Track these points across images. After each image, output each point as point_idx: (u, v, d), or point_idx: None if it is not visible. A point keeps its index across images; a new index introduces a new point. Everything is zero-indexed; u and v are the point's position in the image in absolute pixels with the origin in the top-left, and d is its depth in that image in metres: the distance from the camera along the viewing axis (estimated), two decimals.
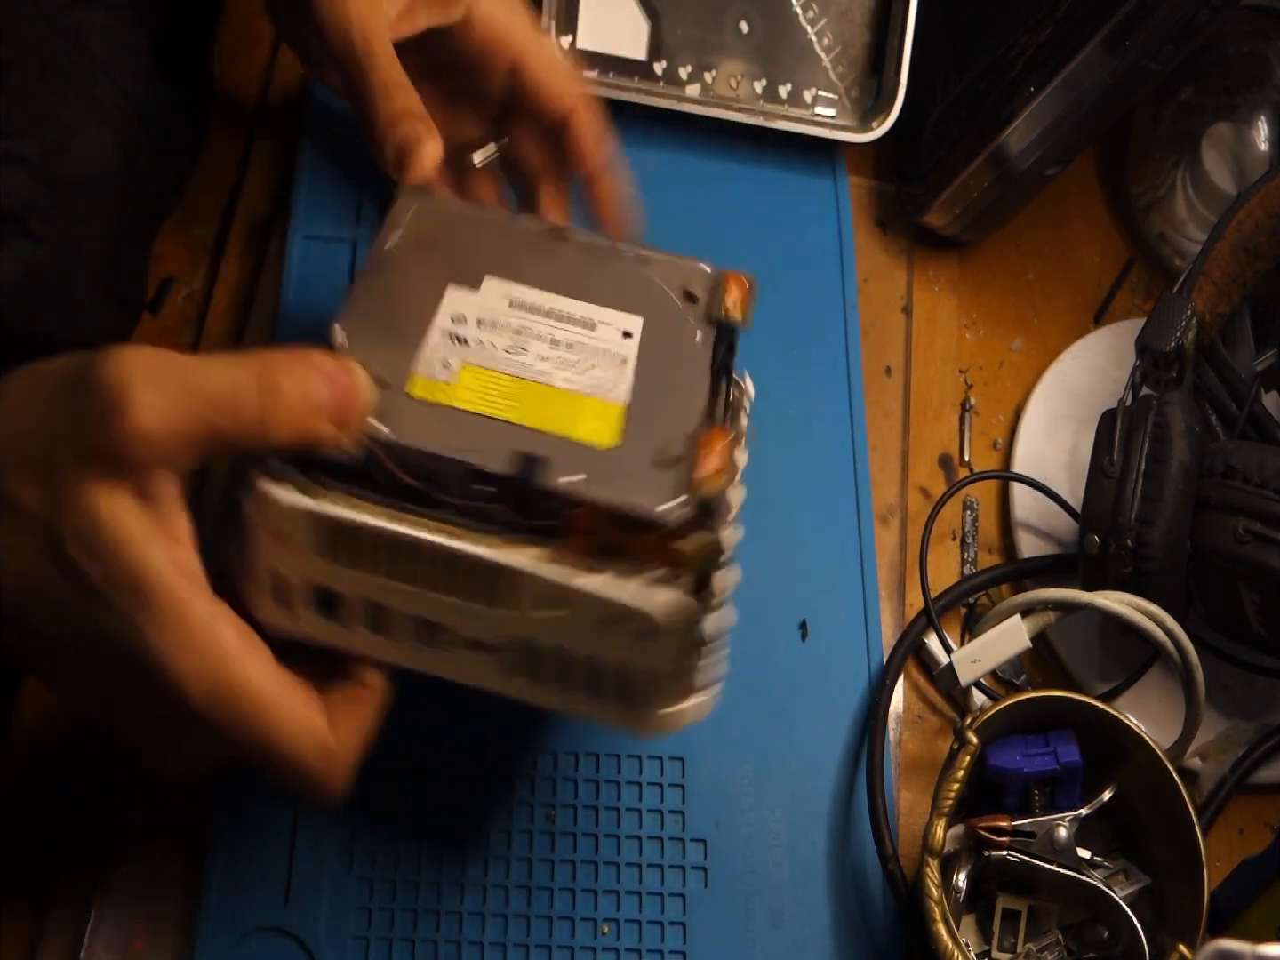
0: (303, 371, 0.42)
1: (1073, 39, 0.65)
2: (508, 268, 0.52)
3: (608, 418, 0.47)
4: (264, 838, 0.53)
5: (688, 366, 0.50)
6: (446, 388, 0.48)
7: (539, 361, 0.50)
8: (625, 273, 0.53)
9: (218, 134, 0.67)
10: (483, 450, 0.45)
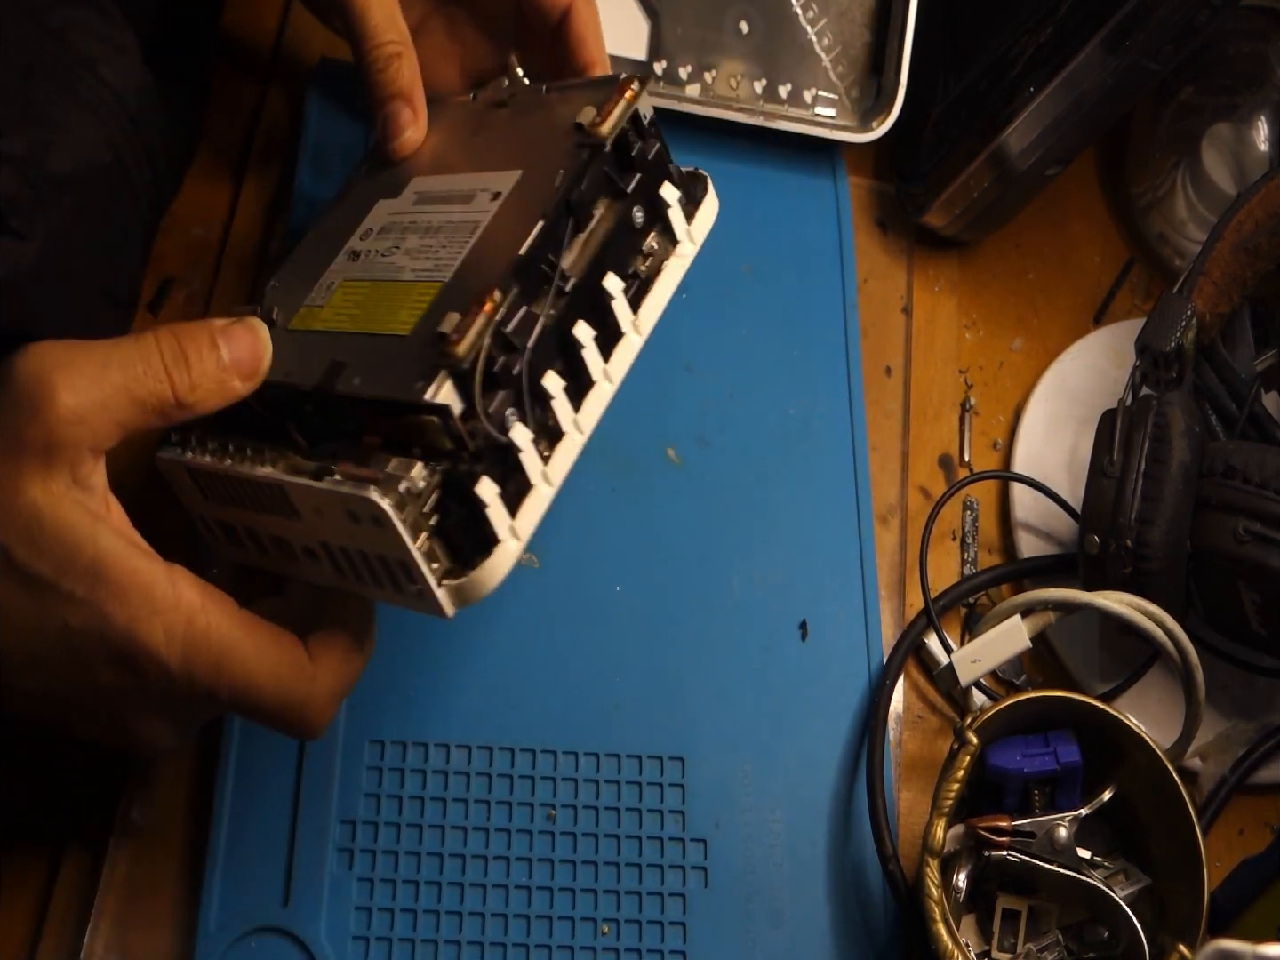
0: (205, 337, 0.44)
1: (1073, 39, 0.65)
2: (434, 163, 0.52)
3: (422, 302, 0.46)
4: (264, 838, 0.53)
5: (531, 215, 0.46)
6: (316, 312, 0.49)
7: (402, 257, 0.49)
8: (532, 122, 0.51)
9: (218, 134, 0.67)
10: (304, 369, 0.46)
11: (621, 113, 0.47)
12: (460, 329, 0.42)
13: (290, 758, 0.55)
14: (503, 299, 0.43)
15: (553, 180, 0.46)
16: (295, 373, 0.47)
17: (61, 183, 0.53)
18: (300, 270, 0.52)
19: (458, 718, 0.57)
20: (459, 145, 0.53)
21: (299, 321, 0.49)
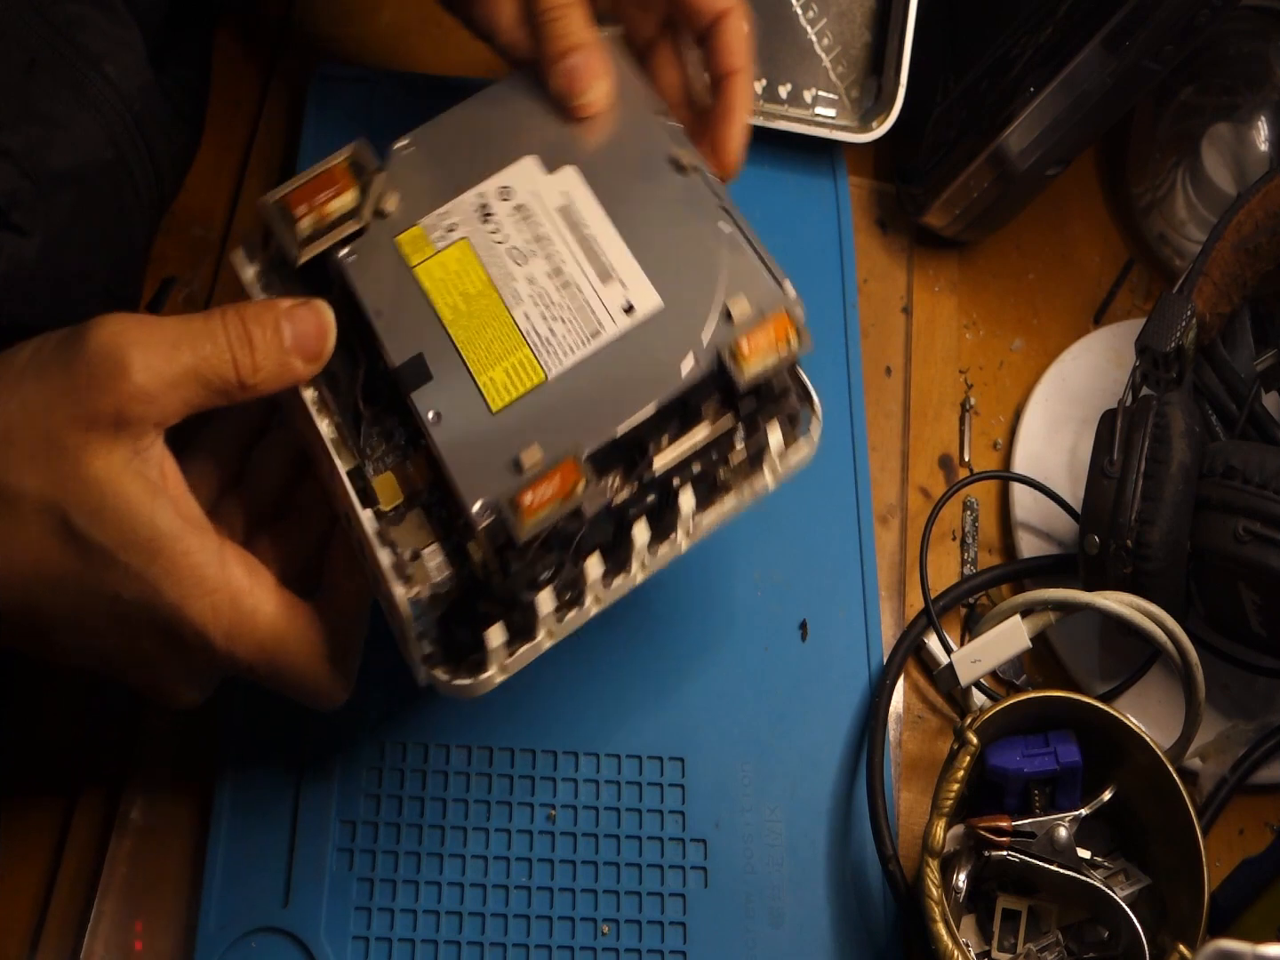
0: (269, 318, 0.44)
1: (1073, 39, 0.65)
2: (597, 169, 0.51)
3: (518, 381, 0.47)
4: (264, 839, 0.53)
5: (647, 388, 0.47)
6: (426, 252, 0.49)
7: (525, 281, 0.49)
8: (698, 247, 0.50)
9: (218, 134, 0.67)
10: (391, 325, 0.47)
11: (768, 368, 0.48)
12: (536, 490, 0.44)
13: (290, 758, 0.55)
14: (582, 478, 0.45)
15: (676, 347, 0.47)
16: (384, 314, 0.48)
17: (63, 179, 0.53)
18: (434, 155, 0.51)
19: (458, 718, 0.57)
20: (623, 177, 0.52)
21: (407, 244, 0.49)
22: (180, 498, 0.44)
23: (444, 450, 0.46)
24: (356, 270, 0.49)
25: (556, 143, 0.52)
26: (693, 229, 0.51)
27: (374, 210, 0.50)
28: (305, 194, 0.49)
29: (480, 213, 0.51)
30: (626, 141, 0.53)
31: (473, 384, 0.47)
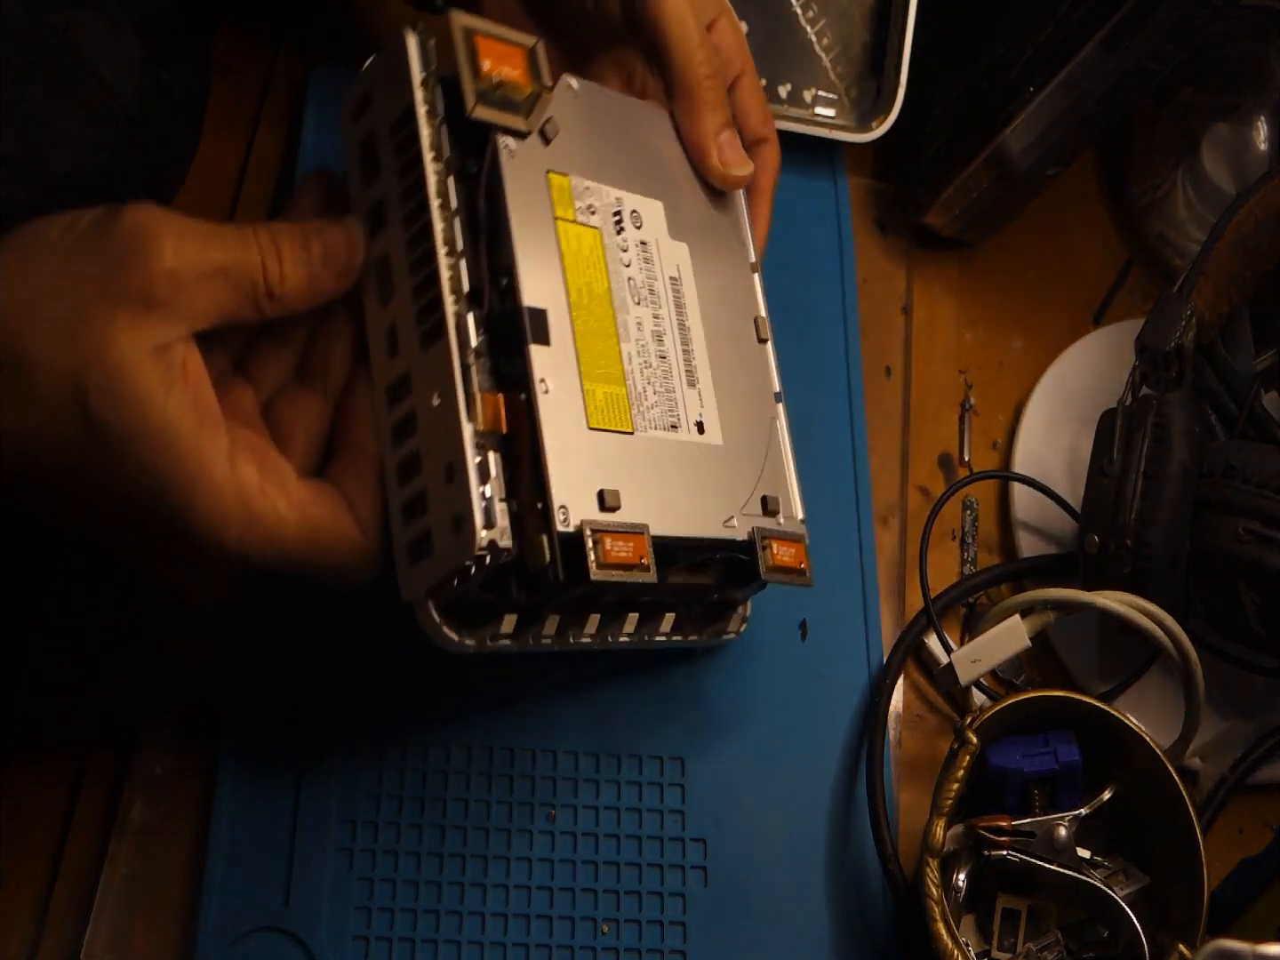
0: (299, 233, 0.44)
1: (1073, 39, 0.65)
2: (702, 271, 0.51)
3: (611, 416, 0.46)
4: (264, 838, 0.53)
5: (703, 519, 0.47)
6: (568, 212, 0.47)
7: (634, 324, 0.47)
8: (753, 418, 0.51)
9: (218, 134, 0.67)
10: (531, 265, 0.45)
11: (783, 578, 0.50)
12: (615, 542, 0.43)
13: (291, 758, 0.55)
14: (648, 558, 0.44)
15: (726, 518, 0.48)
16: (523, 236, 0.45)
17: (59, 185, 0.53)
18: (594, 121, 0.49)
19: (458, 718, 0.57)
20: (719, 297, 0.51)
21: (557, 192, 0.46)
22: (199, 395, 0.43)
23: (547, 430, 0.43)
24: (511, 168, 0.45)
25: (683, 208, 0.51)
26: (754, 397, 0.51)
27: (540, 125, 0.47)
28: (492, 51, 0.45)
29: (615, 220, 0.48)
30: (727, 270, 0.52)
31: (579, 385, 0.45)
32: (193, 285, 0.42)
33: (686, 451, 0.47)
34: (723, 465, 0.49)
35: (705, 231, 0.52)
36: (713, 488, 0.48)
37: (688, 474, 0.47)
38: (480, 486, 0.42)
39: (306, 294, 0.45)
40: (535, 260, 0.45)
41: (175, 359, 0.42)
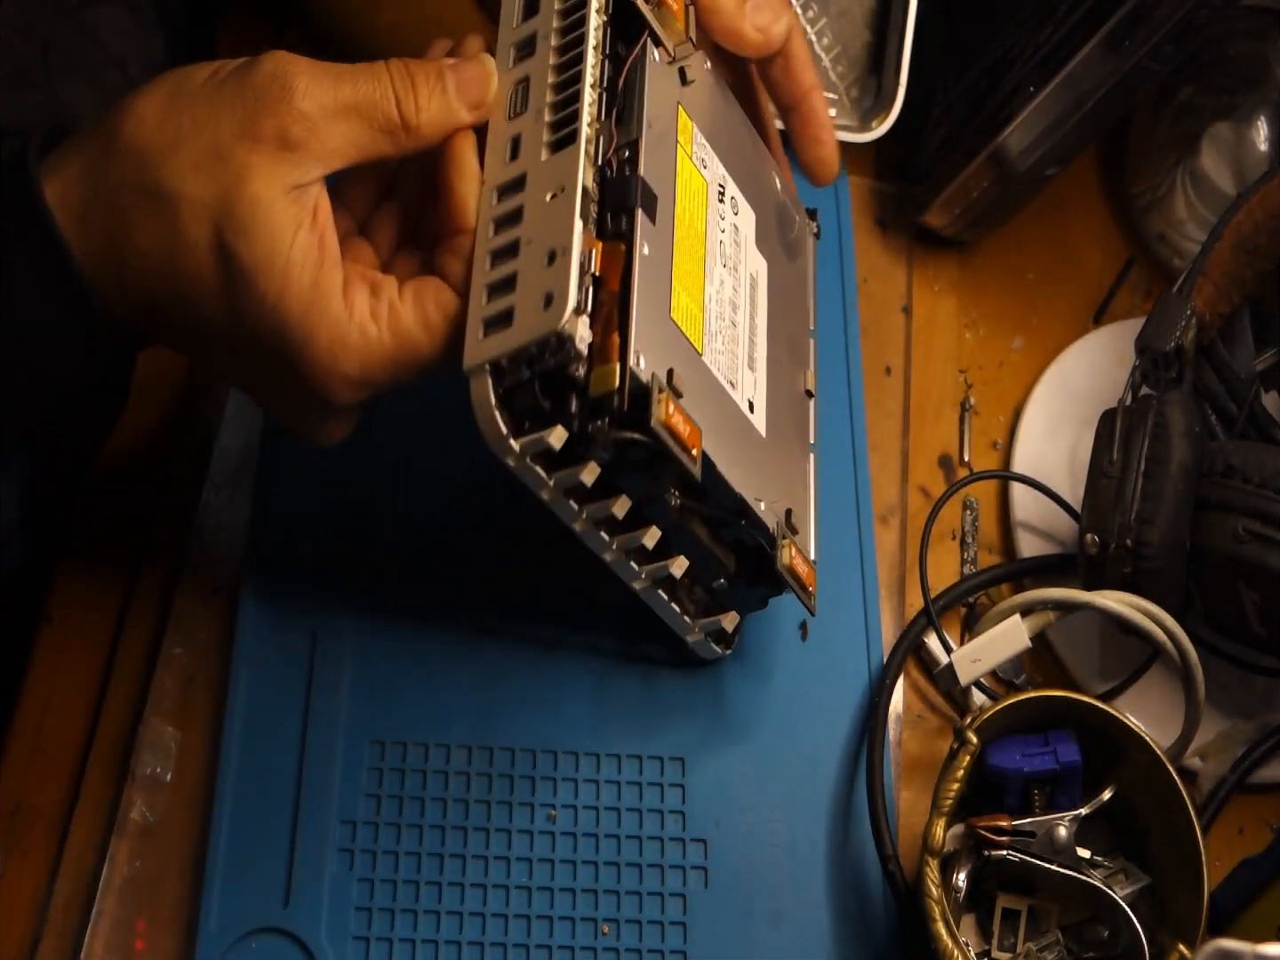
0: (433, 66, 0.46)
1: (1073, 39, 0.65)
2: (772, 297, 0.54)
3: (688, 324, 0.48)
4: (264, 838, 0.53)
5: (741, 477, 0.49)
6: (687, 147, 0.50)
7: (718, 278, 0.50)
8: (788, 451, 0.53)
9: None
10: (651, 156, 0.47)
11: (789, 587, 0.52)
12: (679, 411, 0.45)
13: (291, 758, 0.55)
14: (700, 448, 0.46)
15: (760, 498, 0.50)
16: (652, 131, 0.48)
17: None
18: (719, 101, 0.53)
19: (458, 718, 0.57)
20: (782, 333, 0.55)
21: (682, 124, 0.50)
22: (324, 236, 0.45)
23: (640, 287, 0.45)
24: (652, 74, 0.49)
25: (769, 236, 0.55)
26: (795, 431, 0.54)
27: (681, 61, 0.51)
28: None
29: (720, 189, 0.51)
30: (792, 314, 0.56)
31: (670, 277, 0.47)
32: (327, 124, 0.44)
33: (738, 415, 0.50)
34: (762, 455, 0.51)
35: (782, 271, 0.56)
36: (751, 463, 0.50)
37: (736, 433, 0.49)
38: (581, 273, 0.44)
39: (441, 125, 0.46)
40: (657, 154, 0.48)
41: (307, 201, 0.44)
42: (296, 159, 0.44)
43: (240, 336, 0.45)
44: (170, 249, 0.44)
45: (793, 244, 0.57)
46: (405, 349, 0.45)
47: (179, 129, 0.44)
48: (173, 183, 0.43)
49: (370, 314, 0.45)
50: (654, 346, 0.45)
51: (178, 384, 0.63)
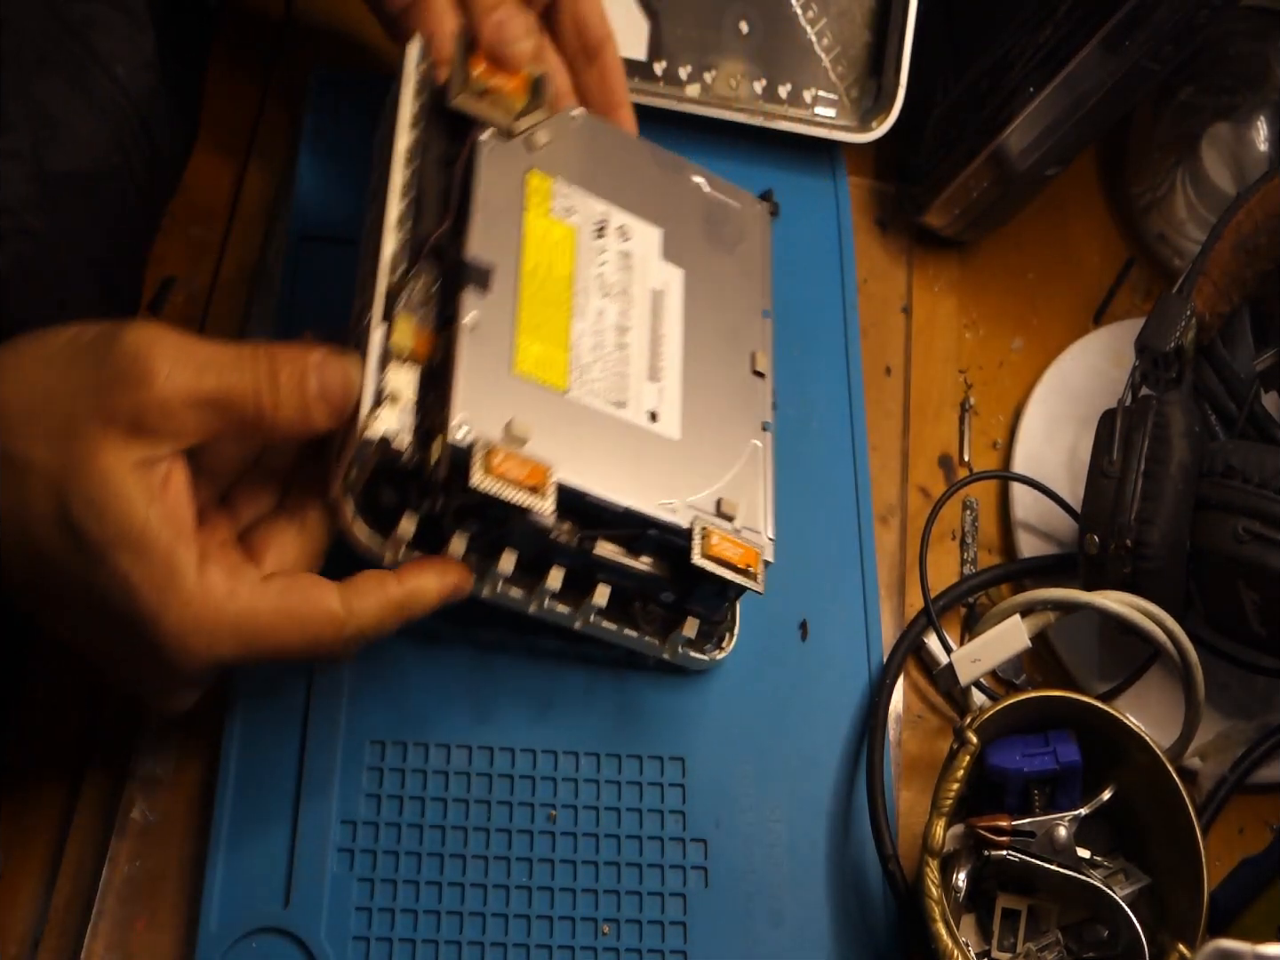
0: (300, 364, 0.45)
1: (1073, 39, 0.65)
2: (697, 296, 0.56)
3: (545, 371, 0.50)
4: (264, 838, 0.53)
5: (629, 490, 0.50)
6: (542, 207, 0.53)
7: (595, 311, 0.52)
8: (728, 434, 0.54)
9: (218, 133, 0.67)
10: (484, 233, 0.51)
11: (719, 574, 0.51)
12: (508, 460, 0.47)
13: (291, 758, 0.55)
14: (544, 487, 0.47)
15: (661, 499, 0.51)
16: (485, 212, 0.51)
17: (69, 181, 0.53)
18: (595, 148, 0.56)
19: (458, 718, 0.57)
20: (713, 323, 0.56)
21: (533, 187, 0.53)
22: (176, 509, 0.44)
23: (463, 357, 0.48)
24: (485, 158, 0.52)
25: (685, 243, 0.57)
26: (734, 418, 0.55)
27: (527, 132, 0.54)
28: (487, 59, 0.53)
29: (597, 227, 0.54)
30: (731, 305, 0.57)
31: (512, 334, 0.50)
32: (184, 411, 0.43)
33: (629, 431, 0.51)
34: (673, 457, 0.52)
35: (712, 269, 0.57)
36: (654, 471, 0.51)
37: (626, 449, 0.51)
38: (375, 373, 0.47)
39: (296, 426, 0.46)
40: (492, 230, 0.51)
41: (158, 474, 0.43)
42: (149, 440, 0.43)
43: (91, 607, 0.44)
44: (20, 516, 0.42)
45: (730, 236, 0.59)
46: (263, 635, 0.45)
47: (33, 396, 0.43)
48: (23, 451, 0.42)
49: (227, 594, 0.44)
50: (486, 408, 0.48)
51: None
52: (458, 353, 0.48)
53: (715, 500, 0.52)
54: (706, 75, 0.71)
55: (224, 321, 0.64)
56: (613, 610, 0.54)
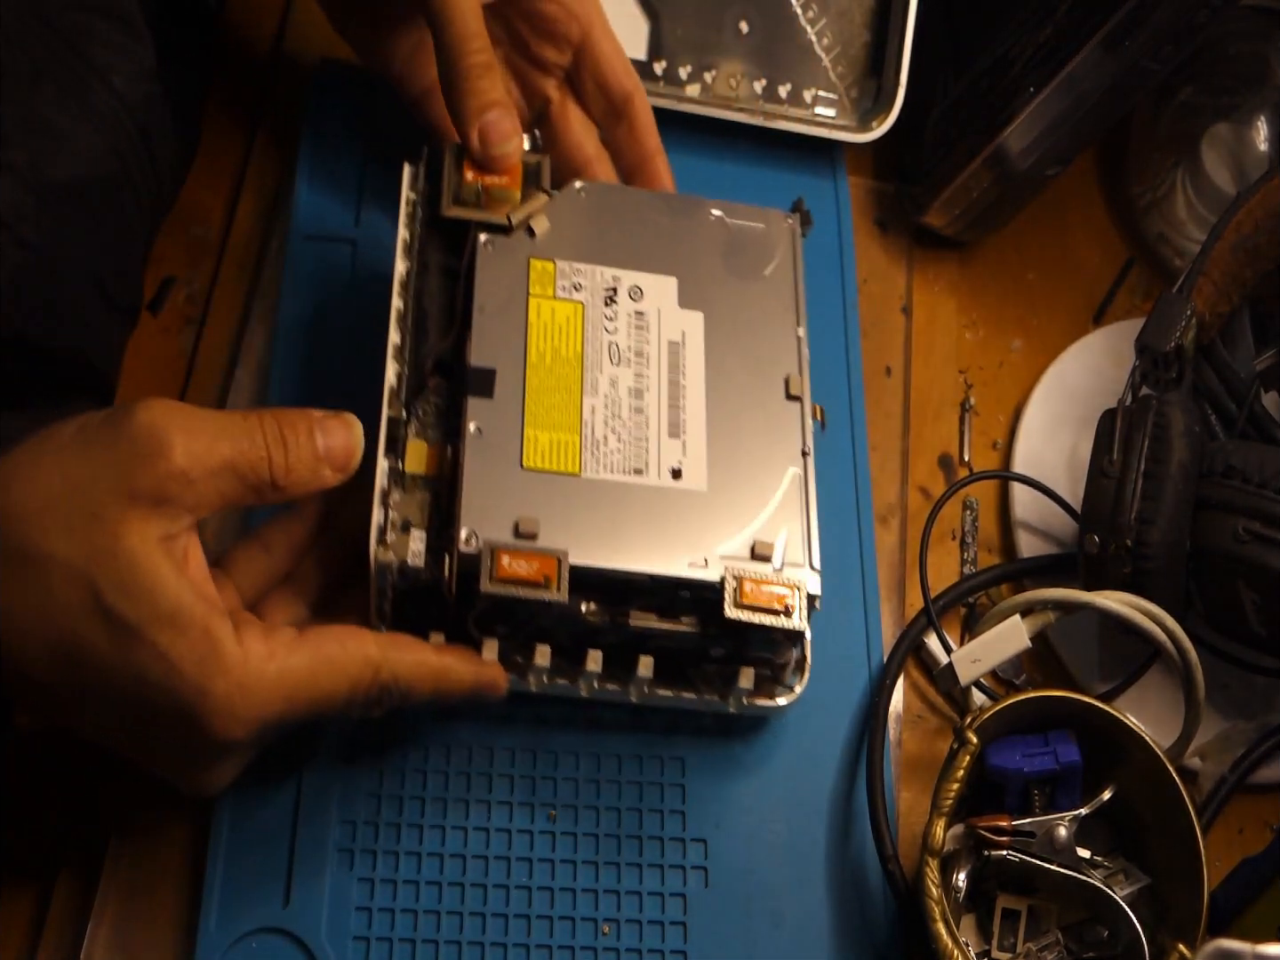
0: (304, 425, 0.47)
1: (1073, 39, 0.65)
2: (721, 335, 0.56)
3: (556, 458, 0.51)
4: (264, 838, 0.53)
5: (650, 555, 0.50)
6: (546, 291, 0.54)
7: (608, 381, 0.53)
8: (763, 471, 0.54)
9: (218, 134, 0.67)
10: (486, 335, 0.52)
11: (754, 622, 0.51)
12: (515, 560, 0.48)
13: (291, 758, 0.55)
14: (556, 579, 0.48)
15: (688, 556, 0.51)
16: (486, 313, 0.52)
17: (66, 191, 0.53)
18: (599, 215, 0.57)
19: (457, 718, 0.57)
20: (741, 357, 0.56)
21: (536, 274, 0.54)
22: (199, 580, 0.45)
23: (468, 465, 0.50)
24: (485, 259, 0.54)
25: (705, 283, 0.57)
26: (768, 451, 0.54)
27: (525, 222, 0.55)
28: (478, 164, 0.54)
29: (606, 294, 0.55)
30: (760, 333, 0.57)
31: (520, 430, 0.51)
32: (203, 481, 0.44)
33: (651, 494, 0.51)
34: (701, 511, 0.52)
35: (736, 302, 0.57)
36: (680, 530, 0.51)
37: (649, 515, 0.51)
38: (379, 509, 0.49)
39: (308, 485, 0.47)
40: (495, 330, 0.53)
41: (179, 547, 0.44)
42: (172, 513, 0.44)
43: (128, 694, 0.44)
44: (46, 611, 0.42)
45: (755, 262, 0.59)
46: (304, 687, 0.46)
47: (50, 490, 0.43)
48: (44, 546, 0.42)
49: (267, 655, 0.45)
50: (495, 511, 0.49)
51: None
52: (463, 463, 0.49)
53: (750, 545, 0.51)
54: (706, 75, 0.71)
55: (224, 321, 0.64)
56: (668, 674, 0.54)
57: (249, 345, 0.64)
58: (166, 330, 0.64)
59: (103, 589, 0.42)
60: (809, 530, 0.53)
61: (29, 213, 0.51)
